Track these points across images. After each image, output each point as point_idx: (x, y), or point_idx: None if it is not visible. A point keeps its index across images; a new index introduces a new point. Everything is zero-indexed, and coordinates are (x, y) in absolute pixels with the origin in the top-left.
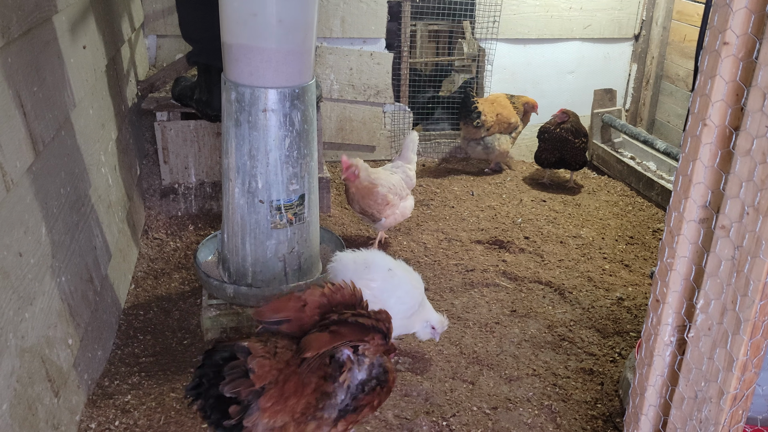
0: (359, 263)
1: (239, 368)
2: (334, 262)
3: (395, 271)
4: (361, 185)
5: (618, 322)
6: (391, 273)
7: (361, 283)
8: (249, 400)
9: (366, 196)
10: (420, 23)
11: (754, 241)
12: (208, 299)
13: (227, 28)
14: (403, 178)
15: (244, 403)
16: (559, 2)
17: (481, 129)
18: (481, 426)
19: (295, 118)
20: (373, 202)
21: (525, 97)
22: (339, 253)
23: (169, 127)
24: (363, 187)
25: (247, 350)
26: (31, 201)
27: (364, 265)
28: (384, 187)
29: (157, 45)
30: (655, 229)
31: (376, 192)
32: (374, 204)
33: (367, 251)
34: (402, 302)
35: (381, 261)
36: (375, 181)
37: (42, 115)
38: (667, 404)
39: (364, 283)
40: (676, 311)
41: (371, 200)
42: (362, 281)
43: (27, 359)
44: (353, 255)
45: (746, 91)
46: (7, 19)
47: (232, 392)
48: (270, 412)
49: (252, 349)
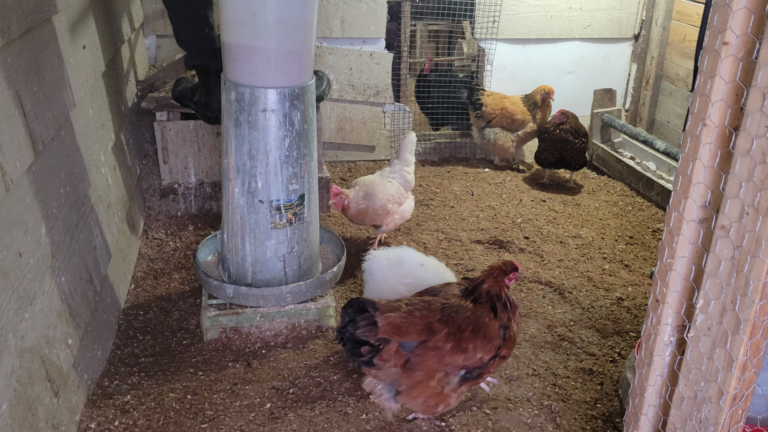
0: (392, 260)
1: (369, 318)
2: (368, 260)
3: (427, 267)
4: (353, 211)
5: (618, 322)
6: (423, 269)
7: (393, 279)
8: (379, 343)
9: (362, 216)
10: (420, 23)
11: (753, 241)
12: (207, 299)
13: (227, 28)
14: (401, 182)
15: (375, 345)
16: (559, 2)
17: (481, 119)
18: (481, 426)
19: (294, 118)
20: (369, 218)
21: (538, 87)
22: (372, 251)
23: (168, 127)
24: (357, 211)
25: (374, 305)
26: (31, 201)
27: (396, 262)
28: (381, 200)
29: (157, 45)
30: (655, 229)
31: (372, 210)
32: (374, 217)
33: (399, 248)
34: None
35: (412, 257)
36: (369, 200)
37: (42, 115)
38: (666, 404)
39: (397, 279)
40: (676, 311)
41: (368, 217)
42: (395, 278)
43: (27, 359)
44: (386, 252)
45: (746, 91)
46: (7, 19)
47: (363, 336)
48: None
49: (378, 305)
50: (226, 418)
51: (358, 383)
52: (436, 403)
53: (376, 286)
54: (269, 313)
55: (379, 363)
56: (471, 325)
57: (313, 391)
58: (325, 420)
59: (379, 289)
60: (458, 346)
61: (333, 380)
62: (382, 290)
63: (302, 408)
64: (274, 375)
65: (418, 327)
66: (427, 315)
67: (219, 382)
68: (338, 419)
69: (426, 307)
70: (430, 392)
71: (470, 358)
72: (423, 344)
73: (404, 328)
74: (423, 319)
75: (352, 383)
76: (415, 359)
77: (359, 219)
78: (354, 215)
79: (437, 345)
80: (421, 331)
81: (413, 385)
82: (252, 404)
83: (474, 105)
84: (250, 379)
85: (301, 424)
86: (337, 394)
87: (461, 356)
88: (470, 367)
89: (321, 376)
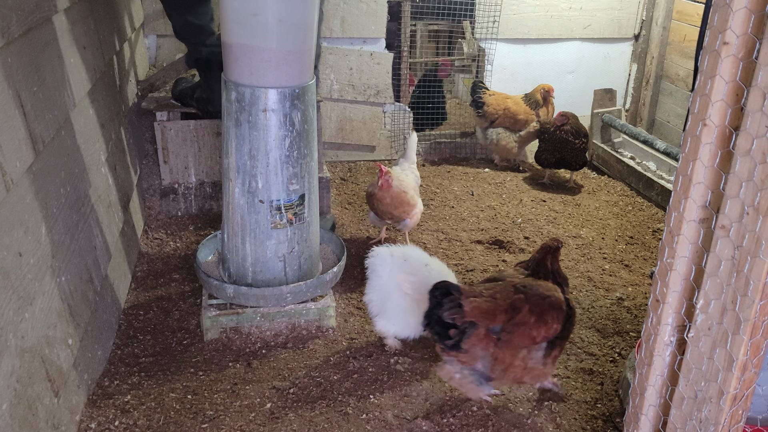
0: (397, 257)
1: (455, 301)
2: (372, 256)
3: (432, 267)
4: (394, 193)
5: (618, 322)
6: (428, 268)
7: (400, 277)
8: (465, 327)
9: (398, 203)
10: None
11: (754, 241)
12: (208, 299)
13: (227, 27)
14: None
15: (461, 328)
16: (559, 2)
17: (483, 119)
18: (481, 426)
19: (295, 118)
20: (402, 206)
21: (538, 86)
22: (376, 248)
23: (169, 127)
24: (395, 194)
25: (458, 289)
26: (31, 201)
27: (402, 259)
28: (412, 187)
29: (157, 45)
30: (655, 229)
31: (407, 198)
32: (405, 207)
33: (402, 246)
34: None
35: (418, 256)
36: (404, 188)
37: (42, 115)
38: (667, 404)
39: (403, 277)
40: (676, 311)
41: (402, 204)
42: (401, 275)
43: (27, 359)
44: (389, 249)
45: (746, 91)
46: (7, 19)
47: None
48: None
49: (463, 290)
50: (226, 418)
51: (359, 383)
52: (532, 377)
53: (381, 283)
54: (269, 313)
55: (467, 347)
56: (545, 298)
57: (313, 391)
58: (325, 420)
59: (384, 287)
60: (540, 319)
61: (333, 380)
62: (387, 288)
63: (302, 408)
64: (275, 375)
65: (502, 308)
66: (507, 296)
67: (219, 382)
68: (338, 419)
69: (504, 289)
70: (521, 369)
71: (549, 328)
72: (509, 322)
73: (491, 312)
74: (505, 300)
75: (352, 383)
76: (505, 337)
77: (392, 206)
78: (393, 199)
79: (523, 320)
80: (505, 311)
81: (505, 365)
82: (252, 404)
83: (476, 103)
84: (251, 379)
85: (301, 424)
86: (337, 394)
87: (543, 328)
88: (550, 337)
89: (321, 376)
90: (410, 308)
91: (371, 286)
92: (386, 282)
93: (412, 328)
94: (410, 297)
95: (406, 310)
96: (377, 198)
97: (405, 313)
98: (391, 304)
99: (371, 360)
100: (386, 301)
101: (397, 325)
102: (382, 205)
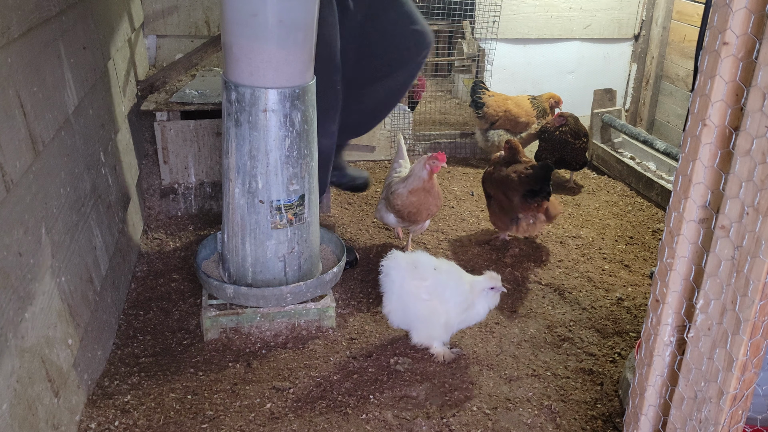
0: (409, 263)
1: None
2: (388, 259)
3: (440, 269)
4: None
5: (618, 322)
6: (438, 272)
7: (414, 282)
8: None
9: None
10: None
11: (753, 241)
12: (208, 299)
13: (228, 28)
14: None
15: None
16: (559, 2)
17: (483, 120)
18: (481, 426)
19: (295, 118)
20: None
21: (547, 94)
22: (394, 251)
23: (168, 127)
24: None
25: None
26: (31, 201)
27: (413, 265)
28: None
29: (157, 45)
30: (655, 229)
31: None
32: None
33: (412, 252)
34: (457, 294)
35: (427, 260)
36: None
37: (42, 115)
38: (666, 404)
39: (418, 283)
40: (676, 311)
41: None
42: (415, 281)
43: (27, 359)
44: (404, 254)
45: (746, 91)
46: (7, 19)
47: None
48: None
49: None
50: (226, 419)
51: (358, 383)
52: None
53: (395, 287)
54: (269, 313)
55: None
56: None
57: (313, 392)
58: (325, 420)
59: (400, 298)
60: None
61: (333, 380)
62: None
63: (302, 408)
64: (274, 375)
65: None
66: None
67: (219, 383)
68: (338, 419)
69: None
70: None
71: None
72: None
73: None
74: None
75: (352, 383)
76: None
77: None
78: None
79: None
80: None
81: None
82: (252, 404)
83: (475, 104)
84: (251, 380)
85: (301, 424)
86: (336, 395)
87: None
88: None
89: (321, 376)
90: (433, 312)
91: (388, 297)
92: (401, 293)
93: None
94: (428, 303)
95: (431, 317)
96: (424, 190)
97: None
98: (413, 316)
99: (371, 360)
100: (407, 313)
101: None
102: (430, 196)
